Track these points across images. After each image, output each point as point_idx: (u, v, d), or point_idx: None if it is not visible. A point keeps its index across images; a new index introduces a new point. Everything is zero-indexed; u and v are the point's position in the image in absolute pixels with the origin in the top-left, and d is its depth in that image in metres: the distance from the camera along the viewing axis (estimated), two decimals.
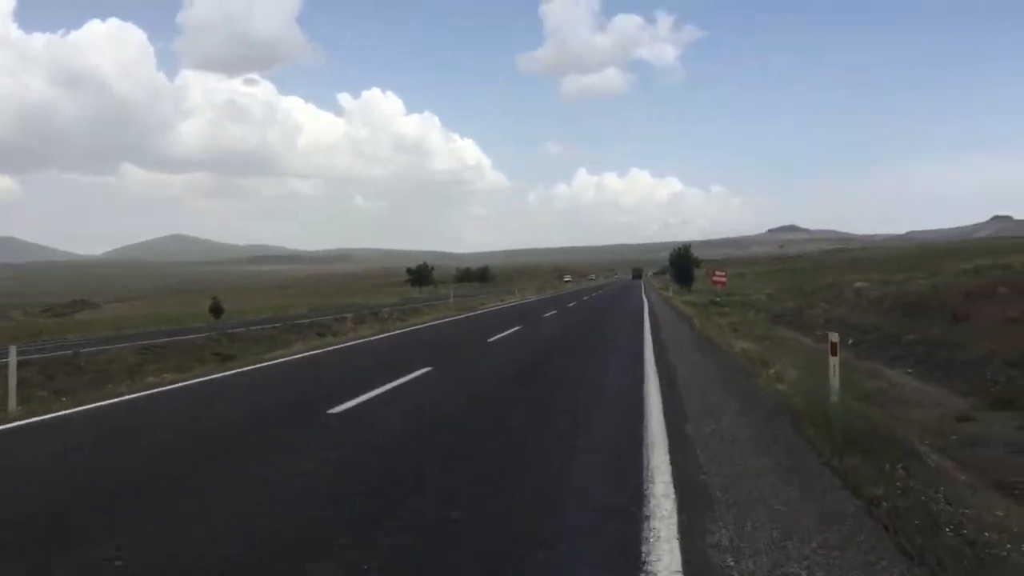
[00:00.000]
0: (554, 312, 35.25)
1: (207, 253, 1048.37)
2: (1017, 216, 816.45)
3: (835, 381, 9.25)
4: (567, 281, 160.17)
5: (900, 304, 21.03)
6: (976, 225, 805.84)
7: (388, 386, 11.34)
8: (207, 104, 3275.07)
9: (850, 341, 20.47)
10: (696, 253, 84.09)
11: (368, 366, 15.96)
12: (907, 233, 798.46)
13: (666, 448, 7.00)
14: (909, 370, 15.98)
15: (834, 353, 9.44)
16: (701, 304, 43.91)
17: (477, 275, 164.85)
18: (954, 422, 11.40)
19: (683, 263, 79.76)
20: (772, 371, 12.76)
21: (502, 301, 56.95)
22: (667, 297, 57.35)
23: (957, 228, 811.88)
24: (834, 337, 9.55)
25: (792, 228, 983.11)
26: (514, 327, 25.39)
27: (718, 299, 47.24)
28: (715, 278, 54.74)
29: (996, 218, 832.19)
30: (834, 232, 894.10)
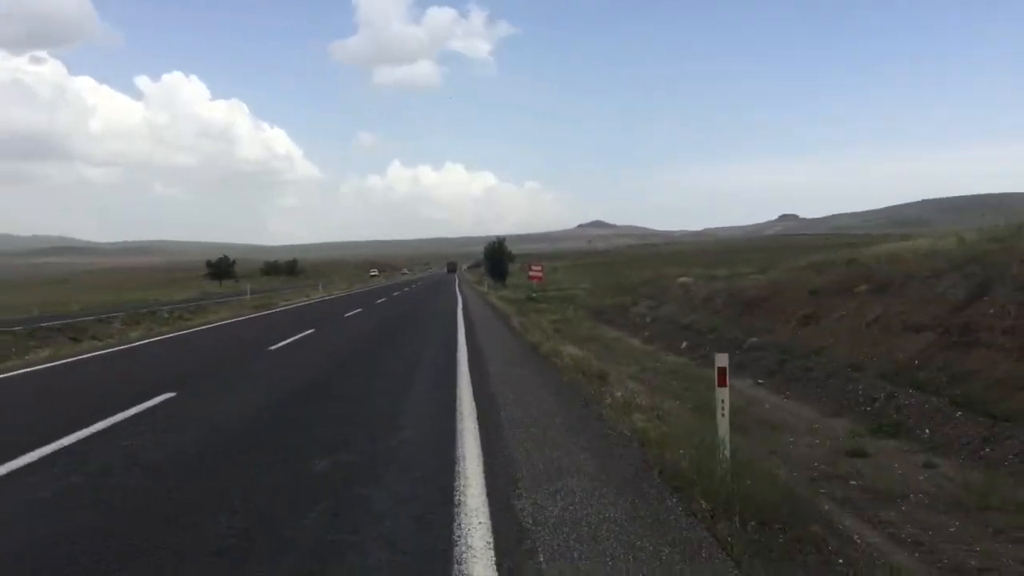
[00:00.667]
0: (359, 311, 31.67)
1: None
2: (802, 215, 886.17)
3: (724, 425, 6.46)
4: (373, 275, 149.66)
5: (737, 301, 19.13)
6: (766, 223, 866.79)
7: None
8: None
9: (684, 344, 18.37)
10: (510, 247, 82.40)
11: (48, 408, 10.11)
12: (704, 230, 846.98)
13: None
14: (760, 380, 13.81)
15: (722, 383, 6.64)
16: (518, 300, 41.61)
17: (285, 269, 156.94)
18: (846, 457, 9.03)
19: (497, 257, 77.80)
20: (619, 394, 10.01)
21: (307, 297, 52.51)
22: (482, 292, 54.83)
23: (749, 226, 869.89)
24: (722, 361, 6.72)
25: (599, 224, 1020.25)
26: (305, 330, 21.69)
27: (535, 294, 45.16)
28: (531, 272, 52.73)
29: (783, 216, 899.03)
30: (638, 228, 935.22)
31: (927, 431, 9.52)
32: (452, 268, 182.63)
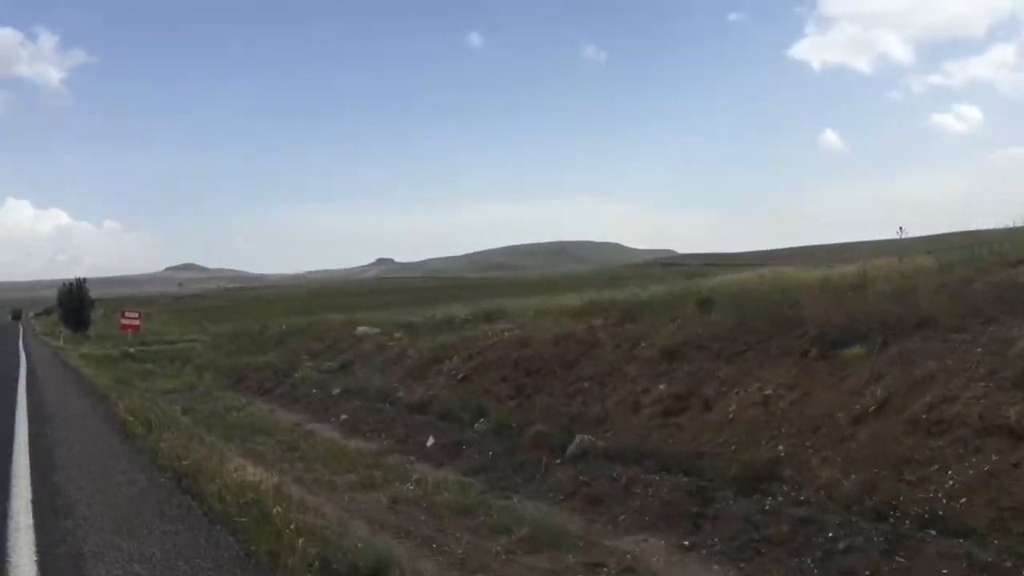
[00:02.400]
0: None
1: None
2: (397, 259, 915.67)
3: None
4: None
5: (500, 361, 12.68)
6: (364, 266, 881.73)
7: None
8: None
9: (430, 441, 11.49)
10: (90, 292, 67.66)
11: None
12: (303, 273, 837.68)
13: None
14: (687, 542, 7.33)
15: None
16: (110, 359, 31.32)
17: None
18: None
19: (75, 302, 63.61)
20: None
21: None
22: (57, 348, 42.29)
23: (347, 268, 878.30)
24: None
25: (191, 266, 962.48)
26: None
27: (133, 349, 34.85)
28: (124, 320, 41.68)
29: (380, 260, 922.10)
30: (233, 271, 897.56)
31: None
32: (17, 316, 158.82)
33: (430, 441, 11.29)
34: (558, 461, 9.19)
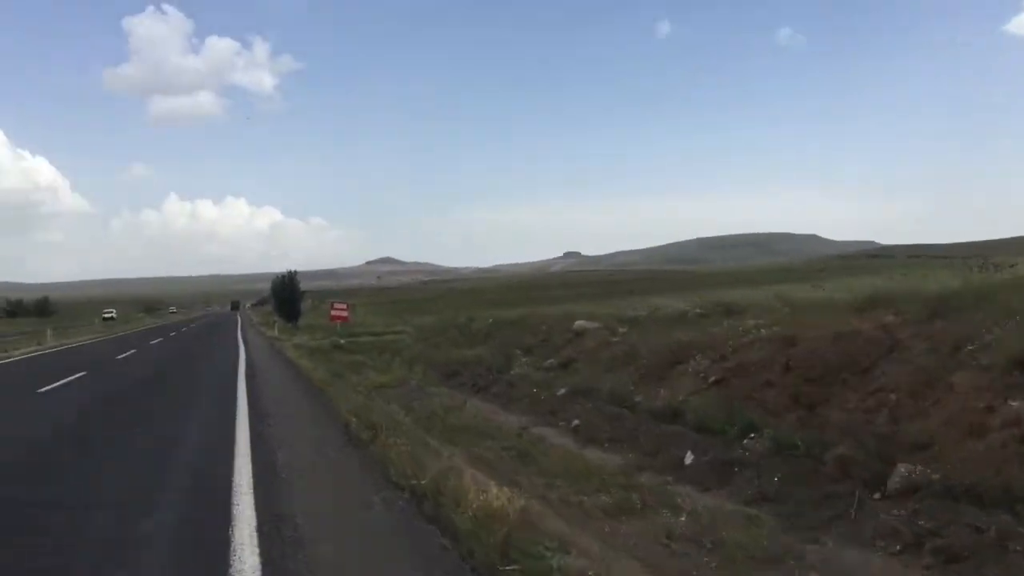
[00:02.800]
0: (71, 381, 20.61)
1: None
2: (584, 252, 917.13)
3: None
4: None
5: (765, 362, 10.74)
6: (551, 260, 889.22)
7: None
8: None
9: (689, 458, 9.76)
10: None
11: None
12: (493, 266, 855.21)
13: None
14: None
15: None
16: (321, 350, 31.67)
17: (34, 309, 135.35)
18: None
19: (287, 293, 66.53)
20: None
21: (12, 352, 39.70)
22: (272, 339, 43.86)
23: (536, 262, 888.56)
24: None
25: (388, 260, 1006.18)
26: None
27: (343, 340, 35.28)
28: (334, 312, 42.70)
29: (567, 254, 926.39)
30: (427, 264, 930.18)
31: None
32: (235, 306, 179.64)
33: (689, 458, 9.54)
34: (876, 496, 7.21)
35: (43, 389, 17.24)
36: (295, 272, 67.77)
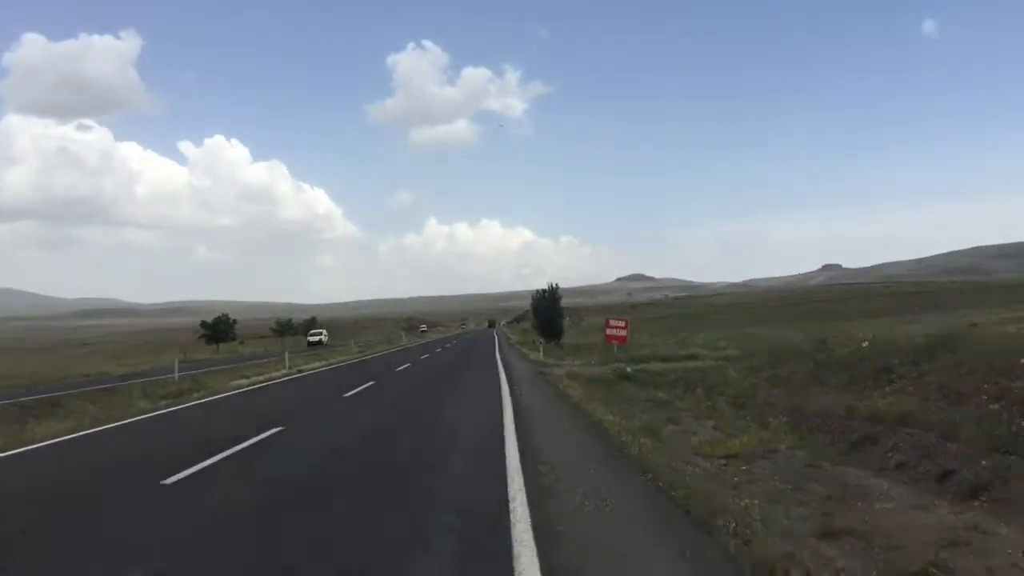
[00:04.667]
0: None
1: (33, 307, 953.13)
2: (845, 264, 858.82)
3: None
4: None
5: None
6: (809, 273, 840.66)
7: None
8: (35, 150, 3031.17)
9: None
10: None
11: None
12: (745, 281, 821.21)
13: None
14: None
15: None
16: (604, 381, 23.91)
17: (303, 328, 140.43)
18: None
19: (548, 311, 59.99)
20: None
21: (286, 370, 35.25)
22: (537, 363, 36.57)
23: (792, 276, 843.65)
24: None
25: (639, 276, 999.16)
26: None
27: (629, 368, 27.25)
28: (610, 330, 34.86)
29: (826, 267, 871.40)
30: (678, 280, 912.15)
31: None
32: (492, 324, 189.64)
33: None
34: None
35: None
36: (557, 286, 61.16)
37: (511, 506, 7.34)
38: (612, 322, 35.62)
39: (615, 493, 8.34)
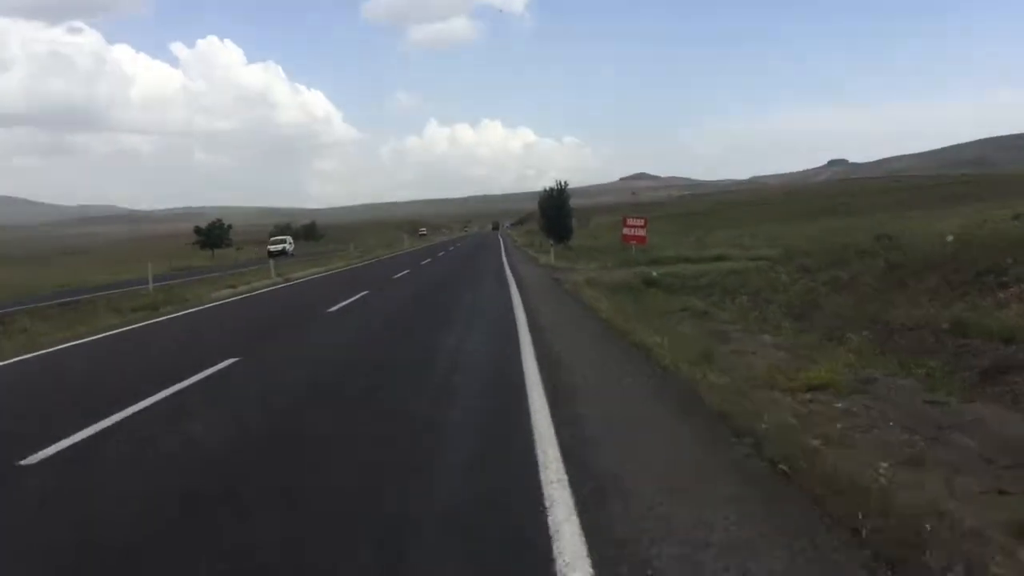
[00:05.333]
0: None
1: (33, 215, 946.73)
2: (851, 159, 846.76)
3: None
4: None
5: None
6: (815, 169, 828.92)
7: None
8: (27, 54, 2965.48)
9: None
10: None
11: None
12: (751, 178, 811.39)
13: None
14: None
15: None
16: (630, 288, 21.07)
17: (303, 233, 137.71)
18: None
19: (556, 211, 56.94)
20: None
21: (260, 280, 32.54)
22: (548, 267, 33.41)
23: (797, 172, 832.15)
24: None
25: (643, 176, 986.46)
26: None
27: (655, 272, 24.29)
28: (627, 230, 31.83)
29: (832, 162, 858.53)
30: (683, 179, 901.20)
31: None
32: (496, 227, 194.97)
33: None
34: None
35: None
36: (565, 185, 57.84)
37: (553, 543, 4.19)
38: (630, 221, 32.53)
39: (711, 479, 5.44)
